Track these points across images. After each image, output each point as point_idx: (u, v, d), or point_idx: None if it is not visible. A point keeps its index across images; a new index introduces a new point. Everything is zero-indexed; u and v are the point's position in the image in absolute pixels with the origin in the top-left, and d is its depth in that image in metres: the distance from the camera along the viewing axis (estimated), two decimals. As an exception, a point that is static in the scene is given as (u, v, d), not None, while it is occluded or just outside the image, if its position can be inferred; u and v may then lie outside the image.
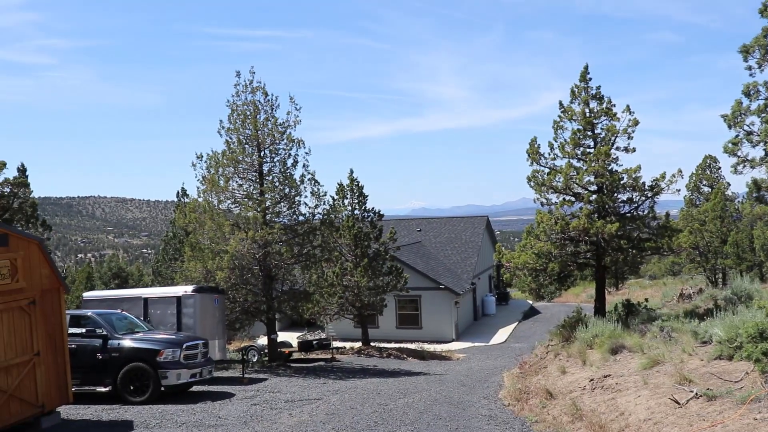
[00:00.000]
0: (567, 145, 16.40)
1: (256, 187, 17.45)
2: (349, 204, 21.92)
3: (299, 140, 17.61)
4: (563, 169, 16.23)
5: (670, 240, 15.29)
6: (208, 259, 16.28)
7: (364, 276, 20.54)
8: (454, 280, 28.53)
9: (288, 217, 17.83)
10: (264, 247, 16.67)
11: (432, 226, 35.96)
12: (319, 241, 18.34)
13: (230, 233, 16.36)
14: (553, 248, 15.88)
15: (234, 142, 17.20)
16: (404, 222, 37.37)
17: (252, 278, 17.26)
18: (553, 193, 16.63)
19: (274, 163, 17.59)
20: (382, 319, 26.70)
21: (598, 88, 16.44)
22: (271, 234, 16.45)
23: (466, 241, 33.33)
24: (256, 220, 16.74)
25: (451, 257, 31.88)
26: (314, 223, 18.15)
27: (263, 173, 17.43)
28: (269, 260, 17.11)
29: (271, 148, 17.42)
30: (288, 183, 17.52)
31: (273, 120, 17.32)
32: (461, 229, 34.94)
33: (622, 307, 16.37)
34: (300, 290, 18.46)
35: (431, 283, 26.67)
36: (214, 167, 16.90)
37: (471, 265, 30.87)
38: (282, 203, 17.55)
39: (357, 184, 21.92)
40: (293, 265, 18.29)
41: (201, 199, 17.01)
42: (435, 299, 26.76)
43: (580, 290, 40.76)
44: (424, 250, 32.13)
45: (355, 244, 21.28)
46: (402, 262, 25.81)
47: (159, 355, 10.76)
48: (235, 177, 17.28)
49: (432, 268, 28.74)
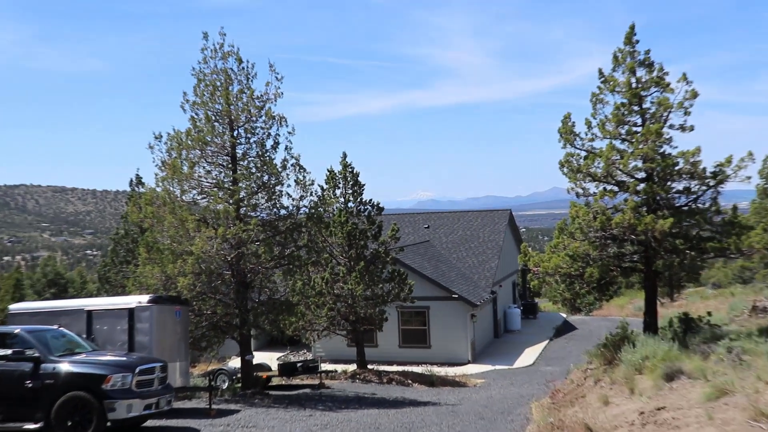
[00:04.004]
0: (608, 122, 16.28)
1: (228, 174, 17.60)
2: (342, 195, 21.97)
3: (281, 117, 17.81)
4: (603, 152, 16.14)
5: (738, 239, 15.09)
6: (168, 263, 16.29)
7: (360, 283, 20.54)
8: (470, 289, 28.56)
9: (267, 210, 18.02)
10: (237, 247, 16.76)
11: (443, 222, 36.10)
12: (304, 240, 18.57)
13: (195, 230, 16.43)
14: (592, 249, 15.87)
15: (201, 119, 17.31)
16: (409, 217, 37.56)
17: (222, 286, 17.33)
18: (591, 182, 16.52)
19: (250, 144, 17.78)
20: (382, 336, 26.69)
21: (647, 53, 16.26)
22: (246, 231, 16.56)
23: (484, 241, 33.40)
24: (227, 215, 16.79)
25: (466, 260, 31.99)
26: (299, 218, 18.34)
27: (236, 157, 17.60)
28: (244, 264, 17.17)
29: (246, 126, 17.64)
30: (267, 169, 17.63)
31: (248, 92, 17.48)
32: (478, 225, 35.04)
33: (679, 322, 16.23)
34: (281, 300, 18.69)
35: (442, 291, 26.79)
36: (177, 150, 17.01)
37: (490, 269, 30.94)
38: (260, 194, 17.73)
39: (351, 171, 21.93)
40: (273, 270, 18.46)
41: (160, 189, 17.07)
42: (446, 312, 26.82)
43: (626, 301, 40.73)
44: (433, 252, 32.20)
45: (348, 243, 21.30)
46: (406, 266, 25.94)
47: (105, 382, 10.59)
48: (202, 162, 17.40)
49: (443, 273, 28.78)
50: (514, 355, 27.40)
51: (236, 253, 16.73)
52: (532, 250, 17.91)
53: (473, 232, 34.35)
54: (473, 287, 28.99)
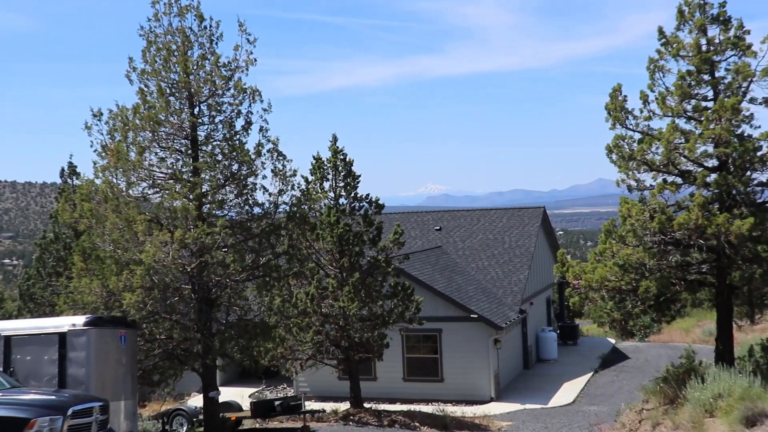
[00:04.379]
0: (670, 96, 16.39)
1: (187, 162, 17.69)
2: (332, 189, 21.97)
3: (253, 90, 17.94)
4: (663, 133, 16.23)
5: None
6: (111, 275, 16.27)
7: (354, 300, 20.50)
8: (493, 307, 28.56)
9: (237, 209, 18.29)
10: (199, 255, 16.84)
11: (459, 223, 36.13)
12: (284, 246, 18.59)
13: (146, 234, 16.45)
14: (648, 257, 15.86)
15: (152, 91, 17.41)
16: (415, 217, 37.57)
17: (180, 304, 17.43)
18: (647, 172, 16.66)
19: (215, 125, 18.06)
20: (382, 367, 26.56)
21: (722, 5, 16.32)
22: (211, 235, 16.66)
23: (511, 246, 33.35)
24: (186, 214, 16.89)
25: (487, 271, 31.94)
26: (277, 218, 18.44)
27: (198, 141, 17.87)
28: (207, 275, 17.25)
29: (210, 102, 17.79)
30: (237, 156, 17.74)
31: (212, 58, 17.61)
32: (504, 227, 35.00)
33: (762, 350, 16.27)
34: (255, 322, 18.71)
35: (458, 310, 26.69)
36: (121, 131, 17.12)
37: (519, 283, 30.89)
38: (227, 187, 17.97)
39: (343, 159, 21.91)
40: (245, 284, 18.49)
41: (99, 181, 17.15)
42: (463, 336, 26.79)
43: (692, 324, 40.65)
44: (447, 260, 32.14)
45: (340, 250, 21.27)
46: (412, 278, 25.82)
47: (28, 428, 10.55)
48: (154, 146, 17.53)
49: (459, 287, 28.72)
50: (549, 391, 27.33)
51: (198, 262, 16.80)
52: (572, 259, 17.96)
53: (497, 236, 34.32)
54: (497, 305, 28.96)
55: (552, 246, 37.54)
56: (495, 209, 37.71)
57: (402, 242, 22.24)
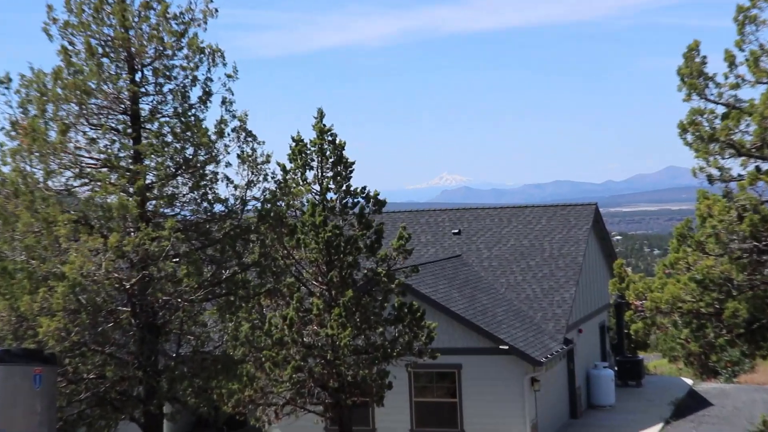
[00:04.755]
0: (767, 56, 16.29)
1: (126, 144, 17.52)
2: (317, 180, 21.92)
3: (214, 50, 18.03)
4: (757, 106, 16.21)
5: None
6: (23, 294, 16.08)
7: (346, 326, 20.39)
8: (529, 335, 28.52)
9: (192, 206, 18.21)
10: (142, 266, 16.78)
11: (483, 225, 36.38)
12: (254, 255, 18.62)
13: (71, 238, 16.37)
14: (736, 270, 15.98)
15: (79, 51, 17.47)
16: (427, 216, 37.88)
17: (116, 331, 17.35)
18: (734, 157, 16.74)
19: (164, 96, 17.92)
20: (384, 414, 26.46)
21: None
22: (158, 240, 16.56)
23: (552, 255, 33.50)
24: (125, 213, 16.72)
25: (522, 287, 32.10)
26: (246, 218, 18.52)
27: (140, 117, 17.73)
28: (152, 294, 17.14)
29: (156, 65, 17.69)
30: (192, 137, 17.71)
31: (160, 8, 17.59)
32: (543, 230, 35.14)
33: None
34: (215, 355, 18.61)
35: (482, 340, 26.86)
36: (37, 103, 17.03)
37: (564, 303, 31.00)
38: (180, 177, 17.85)
39: (332, 141, 21.86)
40: (202, 305, 18.36)
41: (8, 169, 17.11)
42: (490, 374, 26.85)
43: (797, 360, 40.60)
44: (468, 273, 32.24)
45: (327, 260, 21.21)
46: (423, 297, 25.92)
47: None
48: (82, 124, 17.38)
49: (483, 309, 28.76)
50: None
51: (140, 276, 16.68)
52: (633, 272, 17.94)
53: (534, 242, 34.41)
54: (534, 333, 28.94)
55: (607, 255, 37.66)
56: (531, 206, 38.20)
57: (409, 250, 22.07)
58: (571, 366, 31.59)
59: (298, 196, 21.40)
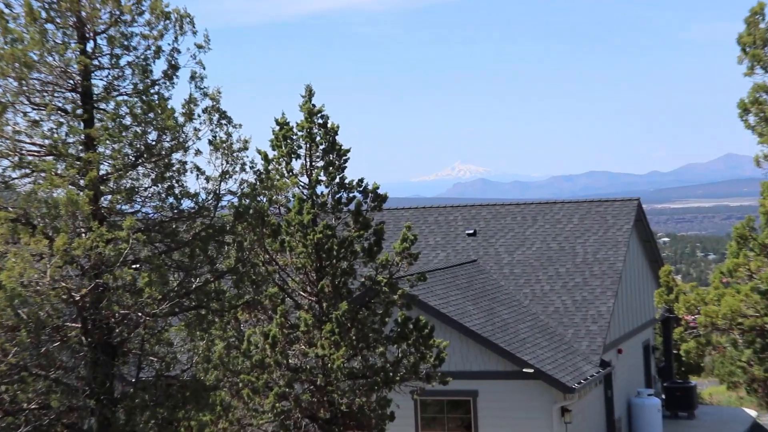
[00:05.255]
0: None
1: (76, 128, 17.40)
2: (305, 171, 21.92)
3: (182, 15, 17.99)
4: None
5: None
6: None
7: (340, 345, 20.43)
8: (559, 356, 28.64)
9: (156, 201, 18.16)
10: (95, 274, 16.68)
11: (503, 224, 36.56)
12: (230, 261, 18.80)
13: (9, 241, 16.30)
14: None
15: (18, 15, 17.16)
16: (436, 214, 38.04)
17: (63, 352, 17.18)
18: None
19: (121, 70, 17.78)
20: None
21: None
22: (114, 243, 16.56)
23: (586, 261, 33.59)
24: (74, 210, 16.56)
25: (549, 299, 32.24)
26: (220, 216, 18.54)
27: (93, 95, 17.59)
28: (108, 307, 16.95)
29: (112, 32, 17.55)
30: (155, 119, 17.49)
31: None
32: (575, 230, 35.30)
33: None
34: (183, 380, 18.55)
35: (502, 362, 27.14)
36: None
37: (600, 318, 31.06)
38: (142, 168, 17.80)
39: (324, 125, 21.87)
40: (167, 320, 18.28)
41: None
42: (512, 402, 26.98)
43: None
44: (485, 283, 32.38)
45: (317, 266, 21.26)
46: (431, 310, 26.19)
47: None
48: (23, 103, 17.20)
49: (504, 325, 28.92)
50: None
51: (92, 285, 16.50)
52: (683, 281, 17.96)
53: (564, 244, 34.60)
54: (564, 354, 29.01)
55: (652, 260, 37.71)
56: (561, 202, 38.02)
57: (415, 254, 22.05)
58: (609, 393, 31.52)
59: (283, 190, 21.36)
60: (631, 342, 34.37)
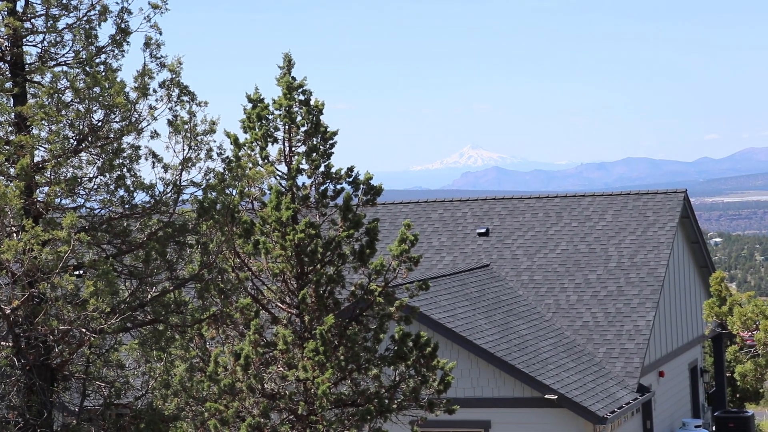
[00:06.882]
0: None
1: (5, 105, 16.96)
2: (283, 157, 21.19)
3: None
4: None
5: None
6: None
7: (326, 365, 19.70)
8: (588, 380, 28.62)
9: (103, 194, 17.61)
10: (29, 283, 16.26)
11: (521, 222, 36.48)
12: (194, 266, 18.24)
13: None
14: None
15: None
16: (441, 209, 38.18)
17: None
18: None
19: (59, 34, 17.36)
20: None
21: None
22: (52, 245, 16.14)
23: (621, 266, 33.36)
24: (3, 203, 15.99)
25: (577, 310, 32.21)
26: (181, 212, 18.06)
27: (24, 65, 17.29)
28: (45, 323, 16.37)
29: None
30: (101, 95, 16.71)
31: None
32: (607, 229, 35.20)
33: None
34: (137, 409, 18.35)
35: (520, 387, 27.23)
36: None
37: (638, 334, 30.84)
38: (85, 154, 17.32)
39: (306, 101, 21.01)
40: (117, 338, 18.07)
41: None
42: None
43: None
44: (499, 291, 32.46)
45: (299, 272, 20.52)
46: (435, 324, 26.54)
47: None
48: None
49: (522, 342, 29.04)
50: None
51: (26, 296, 15.95)
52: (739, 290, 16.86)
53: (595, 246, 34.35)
54: (595, 377, 28.89)
55: (700, 265, 37.67)
56: (592, 195, 37.42)
57: (415, 258, 21.09)
58: (649, 424, 31.23)
59: (257, 181, 20.71)
60: (674, 363, 34.23)
